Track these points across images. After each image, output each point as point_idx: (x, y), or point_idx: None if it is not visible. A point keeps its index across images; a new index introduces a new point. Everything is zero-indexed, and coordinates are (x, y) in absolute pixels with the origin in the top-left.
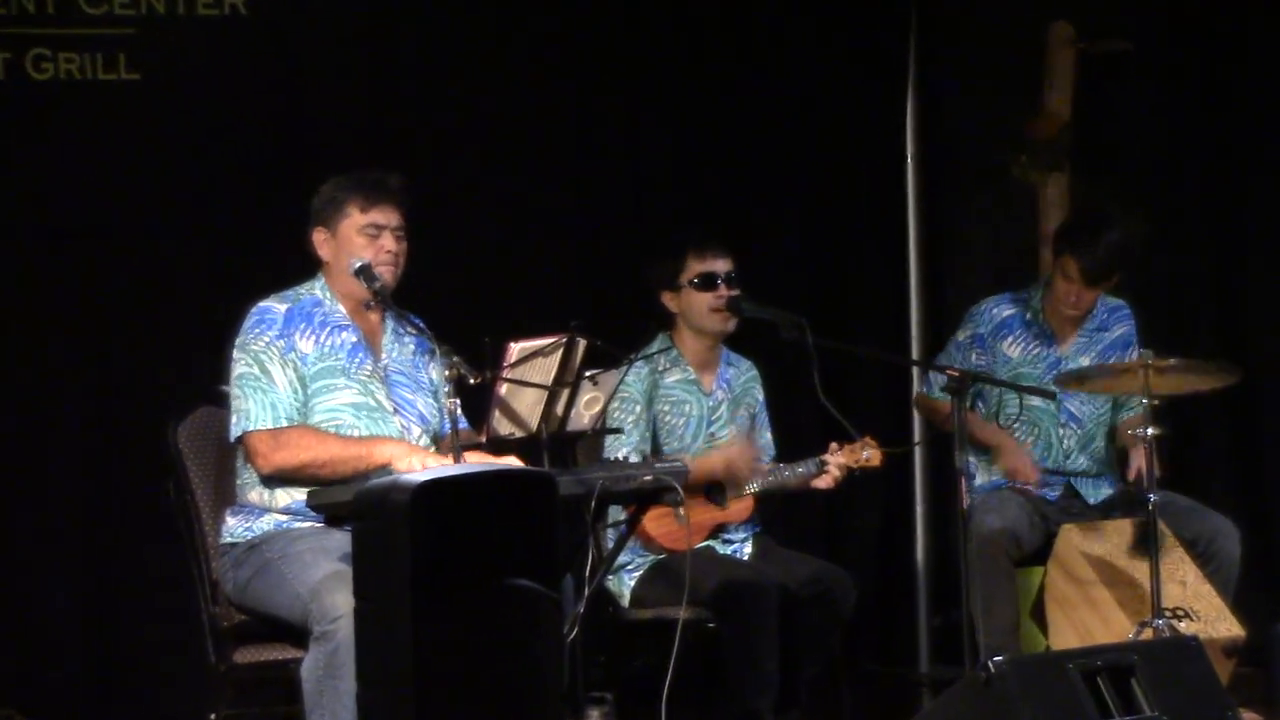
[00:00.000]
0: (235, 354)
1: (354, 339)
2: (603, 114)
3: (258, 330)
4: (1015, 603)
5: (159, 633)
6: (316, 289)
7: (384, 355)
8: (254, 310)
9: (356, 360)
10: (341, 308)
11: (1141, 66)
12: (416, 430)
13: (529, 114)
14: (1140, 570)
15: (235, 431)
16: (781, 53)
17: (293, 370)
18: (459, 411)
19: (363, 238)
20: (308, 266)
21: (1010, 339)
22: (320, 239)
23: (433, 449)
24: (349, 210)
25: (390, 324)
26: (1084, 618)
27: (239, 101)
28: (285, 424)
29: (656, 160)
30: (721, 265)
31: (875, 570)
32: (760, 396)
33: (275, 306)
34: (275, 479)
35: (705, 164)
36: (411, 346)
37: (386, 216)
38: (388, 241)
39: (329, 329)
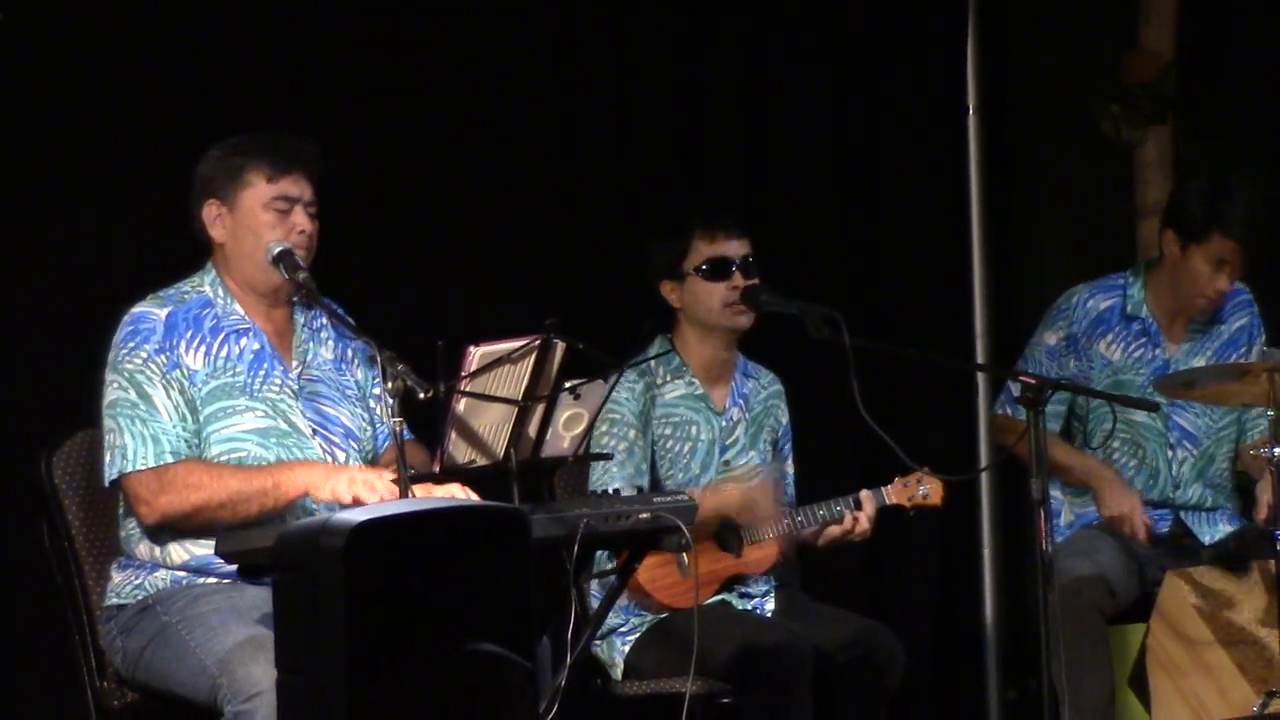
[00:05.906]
0: (107, 375)
1: (256, 346)
2: (588, 57)
3: (132, 344)
4: (1110, 669)
5: (32, 714)
6: (205, 285)
7: (296, 362)
8: (127, 319)
9: (261, 373)
10: (238, 307)
11: None
12: (342, 454)
13: (496, 58)
14: (1267, 627)
15: (111, 473)
16: None
17: (178, 392)
18: (404, 434)
19: (270, 213)
20: (199, 257)
21: (1109, 338)
22: (212, 214)
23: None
24: (251, 178)
25: (300, 319)
26: (1196, 686)
27: (126, 54)
28: (171, 459)
29: (653, 120)
30: (736, 248)
31: (931, 629)
32: (785, 419)
33: (153, 312)
34: (164, 528)
35: (713, 124)
36: (331, 344)
37: (299, 188)
38: (300, 219)
39: (223, 336)
